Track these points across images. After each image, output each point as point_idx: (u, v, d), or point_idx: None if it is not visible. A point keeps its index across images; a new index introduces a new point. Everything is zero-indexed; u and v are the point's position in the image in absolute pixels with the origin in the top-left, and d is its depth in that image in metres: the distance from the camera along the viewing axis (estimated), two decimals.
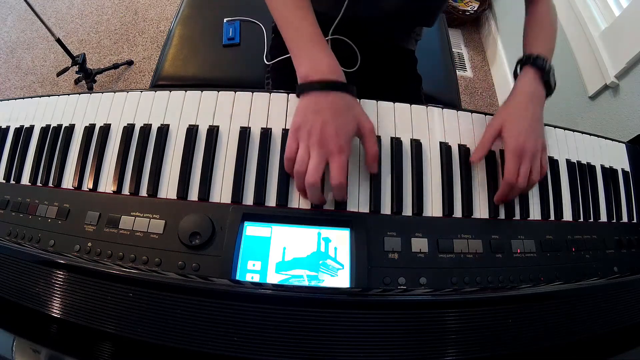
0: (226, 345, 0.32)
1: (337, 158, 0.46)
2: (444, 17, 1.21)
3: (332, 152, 0.46)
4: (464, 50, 2.03)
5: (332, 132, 0.47)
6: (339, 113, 0.48)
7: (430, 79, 0.99)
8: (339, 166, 0.46)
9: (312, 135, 0.47)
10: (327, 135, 0.47)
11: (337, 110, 0.48)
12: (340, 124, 0.48)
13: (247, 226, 0.49)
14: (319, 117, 0.47)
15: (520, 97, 0.56)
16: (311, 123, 0.47)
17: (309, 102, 0.49)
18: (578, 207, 0.58)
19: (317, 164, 0.46)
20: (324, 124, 0.47)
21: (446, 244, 0.49)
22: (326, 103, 0.48)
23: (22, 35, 1.87)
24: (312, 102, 0.49)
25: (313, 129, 0.47)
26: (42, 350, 0.36)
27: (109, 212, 0.49)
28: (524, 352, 0.36)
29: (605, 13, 1.19)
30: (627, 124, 1.06)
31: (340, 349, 0.33)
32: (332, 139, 0.47)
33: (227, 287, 0.40)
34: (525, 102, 0.56)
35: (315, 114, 0.48)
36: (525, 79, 0.58)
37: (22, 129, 0.59)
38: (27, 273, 0.37)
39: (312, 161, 0.46)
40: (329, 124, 0.47)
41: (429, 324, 0.35)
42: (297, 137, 0.48)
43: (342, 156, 0.46)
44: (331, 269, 0.47)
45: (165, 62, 1.00)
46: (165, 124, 0.54)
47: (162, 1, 2.03)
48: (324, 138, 0.47)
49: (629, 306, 0.42)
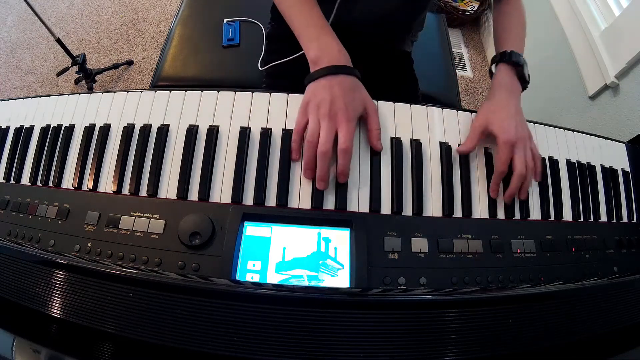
0: (226, 345, 0.32)
1: (346, 126, 0.49)
2: (443, 17, 1.21)
3: (341, 122, 0.49)
4: (464, 50, 2.03)
5: (342, 105, 0.50)
6: (347, 91, 0.51)
7: (430, 79, 0.99)
8: (347, 132, 0.49)
9: (322, 108, 0.49)
10: (336, 108, 0.49)
11: (345, 88, 0.51)
12: (349, 100, 0.50)
13: (247, 226, 0.49)
14: (328, 93, 0.50)
15: (500, 93, 0.59)
16: (321, 97, 0.50)
17: (319, 82, 0.52)
18: (578, 207, 0.58)
19: (328, 133, 0.49)
20: (333, 98, 0.50)
21: (446, 244, 0.49)
22: (336, 82, 0.51)
23: (22, 35, 1.87)
24: (322, 81, 0.51)
25: (322, 102, 0.50)
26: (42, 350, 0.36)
27: (109, 212, 0.49)
28: (524, 352, 0.36)
29: (605, 13, 1.19)
30: (627, 124, 1.06)
31: (340, 349, 0.33)
32: (341, 111, 0.49)
33: (227, 287, 0.40)
34: (506, 97, 0.58)
35: (325, 90, 0.50)
36: (501, 76, 0.61)
37: (22, 129, 0.59)
38: (27, 273, 0.37)
39: (323, 131, 0.49)
40: (338, 98, 0.50)
41: (429, 324, 0.35)
42: (306, 112, 0.51)
43: (350, 125, 0.49)
44: (331, 269, 0.47)
45: (165, 62, 1.00)
46: (165, 124, 0.54)
47: (162, 1, 2.03)
48: (334, 110, 0.49)
49: (629, 306, 0.42)
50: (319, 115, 0.50)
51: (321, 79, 0.52)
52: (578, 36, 1.27)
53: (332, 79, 0.51)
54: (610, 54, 1.12)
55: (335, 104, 0.50)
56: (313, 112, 0.50)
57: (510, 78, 0.60)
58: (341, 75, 0.52)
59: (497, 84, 0.60)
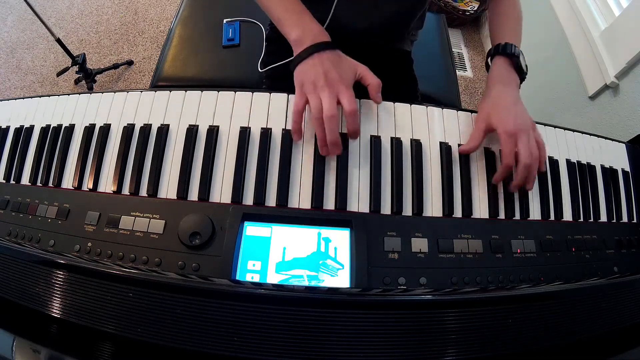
0: (226, 345, 0.32)
1: (346, 91, 0.51)
2: (443, 17, 1.21)
3: (340, 89, 0.51)
4: (464, 50, 2.03)
5: (336, 75, 0.51)
6: (336, 62, 0.53)
7: (430, 79, 0.99)
8: (349, 96, 0.50)
9: (318, 82, 0.51)
10: (332, 79, 0.51)
11: (334, 60, 0.53)
12: (341, 69, 0.52)
13: (247, 226, 0.49)
14: (320, 68, 0.51)
15: (498, 86, 0.59)
16: (314, 74, 0.51)
17: (307, 62, 0.53)
18: (578, 207, 0.58)
19: (331, 100, 0.50)
20: (326, 72, 0.51)
21: (446, 244, 0.49)
22: (324, 57, 0.52)
23: (22, 35, 1.87)
24: (310, 60, 0.53)
25: (317, 78, 0.51)
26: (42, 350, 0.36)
27: (109, 212, 0.49)
28: (524, 352, 0.36)
29: (605, 13, 1.19)
30: (627, 124, 1.06)
31: (340, 349, 0.33)
32: (337, 80, 0.51)
33: (227, 287, 0.40)
34: (504, 89, 0.58)
35: (315, 67, 0.52)
36: (497, 68, 0.61)
37: (22, 129, 0.59)
38: (27, 273, 0.37)
39: (325, 99, 0.50)
40: (330, 70, 0.51)
41: (429, 324, 0.35)
42: (303, 92, 0.52)
43: (349, 90, 0.51)
44: (331, 269, 0.47)
45: (165, 62, 1.00)
46: (165, 124, 0.54)
47: (162, 1, 2.03)
48: (330, 81, 0.51)
49: (629, 306, 0.42)
50: (318, 90, 0.51)
51: (308, 58, 0.52)
52: (578, 36, 1.27)
53: (319, 56, 0.52)
54: (610, 54, 1.12)
55: (329, 75, 0.51)
56: (311, 90, 0.51)
57: (506, 70, 0.60)
58: (326, 51, 0.53)
59: (493, 78, 0.60)
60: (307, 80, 0.51)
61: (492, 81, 0.60)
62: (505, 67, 0.60)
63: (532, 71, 0.63)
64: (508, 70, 0.60)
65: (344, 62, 0.54)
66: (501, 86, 0.59)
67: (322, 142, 0.51)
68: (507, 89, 0.58)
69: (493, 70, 0.61)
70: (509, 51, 0.60)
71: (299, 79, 0.53)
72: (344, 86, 0.51)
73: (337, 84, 0.51)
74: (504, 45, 0.61)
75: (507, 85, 0.59)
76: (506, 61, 0.60)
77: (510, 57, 0.60)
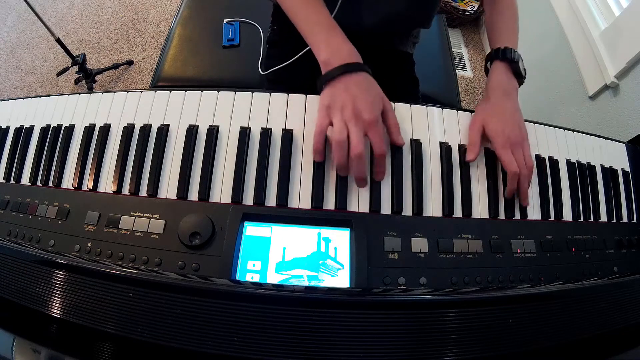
0: (226, 345, 0.32)
1: (375, 129, 0.49)
2: (443, 17, 1.21)
3: (370, 123, 0.48)
4: (464, 50, 2.03)
5: (365, 105, 0.49)
6: (366, 89, 0.51)
7: (430, 79, 0.99)
8: (379, 136, 0.49)
9: (346, 109, 0.49)
10: (360, 107, 0.49)
11: (362, 88, 0.50)
12: (370, 97, 0.50)
13: (247, 226, 0.49)
14: (349, 94, 0.49)
15: (496, 93, 0.59)
16: (342, 99, 0.49)
17: (335, 83, 0.51)
18: (578, 207, 0.58)
19: (359, 136, 0.48)
20: (355, 99, 0.49)
21: (446, 244, 0.49)
22: (353, 82, 0.50)
23: (22, 35, 1.87)
24: (339, 83, 0.51)
25: (346, 103, 0.49)
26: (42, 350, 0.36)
27: (109, 212, 0.49)
28: (524, 352, 0.36)
29: (605, 13, 1.19)
30: (627, 124, 1.06)
31: (340, 349, 0.33)
32: (366, 111, 0.49)
33: (227, 287, 0.40)
34: (501, 97, 0.58)
35: (345, 91, 0.50)
36: (497, 74, 0.60)
37: (22, 129, 0.59)
38: (27, 273, 0.37)
39: (354, 134, 0.48)
40: (359, 98, 0.49)
41: (429, 324, 0.35)
42: (328, 114, 0.50)
43: (379, 127, 0.49)
44: (331, 269, 0.47)
45: (165, 62, 1.00)
46: (165, 124, 0.54)
47: (162, 1, 2.03)
48: (358, 110, 0.48)
49: (629, 306, 0.42)
50: (345, 118, 0.49)
51: (336, 80, 0.51)
52: (578, 36, 1.27)
53: (347, 79, 0.51)
54: (610, 54, 1.12)
55: (357, 104, 0.49)
56: (337, 115, 0.49)
57: (506, 76, 0.60)
58: (355, 73, 0.51)
59: (493, 84, 0.60)
60: (335, 104, 0.50)
61: (492, 87, 0.60)
62: (505, 72, 0.60)
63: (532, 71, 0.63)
64: (508, 76, 0.60)
65: (373, 89, 0.52)
66: (500, 93, 0.58)
67: (341, 167, 0.49)
68: (507, 97, 0.58)
69: (493, 76, 0.61)
70: (509, 56, 0.60)
71: (325, 101, 0.51)
72: (374, 120, 0.49)
73: (365, 115, 0.49)
74: (504, 50, 0.60)
75: (507, 93, 0.58)
76: (506, 67, 0.60)
77: (510, 62, 0.60)
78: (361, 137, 0.48)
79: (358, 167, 0.48)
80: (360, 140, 0.48)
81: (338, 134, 0.48)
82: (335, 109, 0.49)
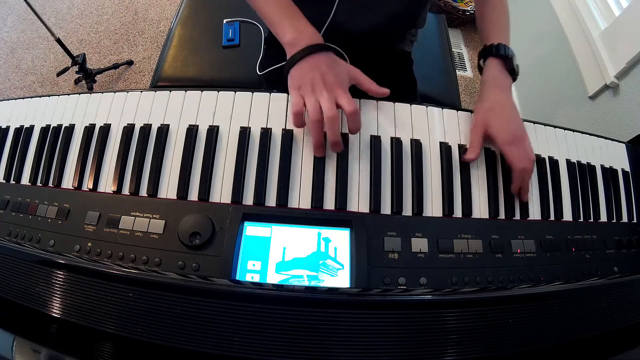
0: (226, 345, 0.32)
1: (344, 94, 0.51)
2: (443, 17, 1.21)
3: (338, 92, 0.51)
4: (464, 50, 2.03)
5: (333, 78, 0.52)
6: (332, 65, 0.53)
7: (430, 79, 0.99)
8: (348, 98, 0.51)
9: (316, 86, 0.51)
10: (329, 82, 0.51)
11: (329, 63, 0.53)
12: (337, 72, 0.53)
13: (247, 226, 0.49)
14: (316, 71, 0.52)
15: (493, 90, 0.59)
16: (311, 77, 0.52)
17: (302, 64, 0.53)
18: (578, 207, 0.58)
19: (330, 102, 0.50)
20: (323, 75, 0.52)
21: (446, 244, 0.49)
22: (319, 61, 0.53)
23: (22, 35, 1.87)
24: (305, 63, 0.53)
25: (315, 81, 0.51)
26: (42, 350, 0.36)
27: (109, 212, 0.49)
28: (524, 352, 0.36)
29: (605, 13, 1.19)
30: (627, 124, 1.06)
31: (340, 349, 0.33)
32: (334, 84, 0.51)
33: (227, 287, 0.40)
34: (499, 94, 0.58)
35: (312, 70, 0.52)
36: (491, 71, 0.61)
37: (22, 129, 0.59)
38: (27, 273, 0.37)
39: (325, 102, 0.50)
40: (327, 73, 0.52)
41: (429, 324, 0.35)
42: (300, 95, 0.52)
43: (347, 93, 0.52)
44: (331, 269, 0.47)
45: (165, 62, 1.00)
46: (165, 124, 0.54)
47: (162, 1, 2.03)
48: (328, 84, 0.51)
49: (629, 306, 0.42)
50: (316, 93, 0.51)
51: (302, 61, 0.53)
52: (578, 36, 1.27)
53: (314, 58, 0.53)
54: (610, 54, 1.12)
55: (326, 78, 0.51)
56: (308, 93, 0.51)
57: (501, 72, 0.60)
58: (321, 53, 0.53)
59: (488, 81, 0.60)
60: (305, 84, 0.52)
61: (487, 84, 0.60)
62: (499, 69, 0.60)
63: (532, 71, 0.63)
64: (502, 72, 0.60)
65: (339, 65, 0.54)
66: (497, 90, 0.59)
67: (318, 144, 0.51)
68: (504, 94, 0.58)
69: (487, 73, 0.61)
70: (503, 53, 0.60)
71: (295, 83, 0.53)
72: (342, 89, 0.51)
73: (335, 87, 0.51)
74: (497, 47, 0.60)
75: (503, 90, 0.59)
76: (500, 63, 0.60)
77: (504, 59, 0.60)
78: (333, 103, 0.50)
79: (333, 129, 0.50)
80: (332, 105, 0.50)
81: (314, 114, 0.50)
82: (306, 88, 0.51)
